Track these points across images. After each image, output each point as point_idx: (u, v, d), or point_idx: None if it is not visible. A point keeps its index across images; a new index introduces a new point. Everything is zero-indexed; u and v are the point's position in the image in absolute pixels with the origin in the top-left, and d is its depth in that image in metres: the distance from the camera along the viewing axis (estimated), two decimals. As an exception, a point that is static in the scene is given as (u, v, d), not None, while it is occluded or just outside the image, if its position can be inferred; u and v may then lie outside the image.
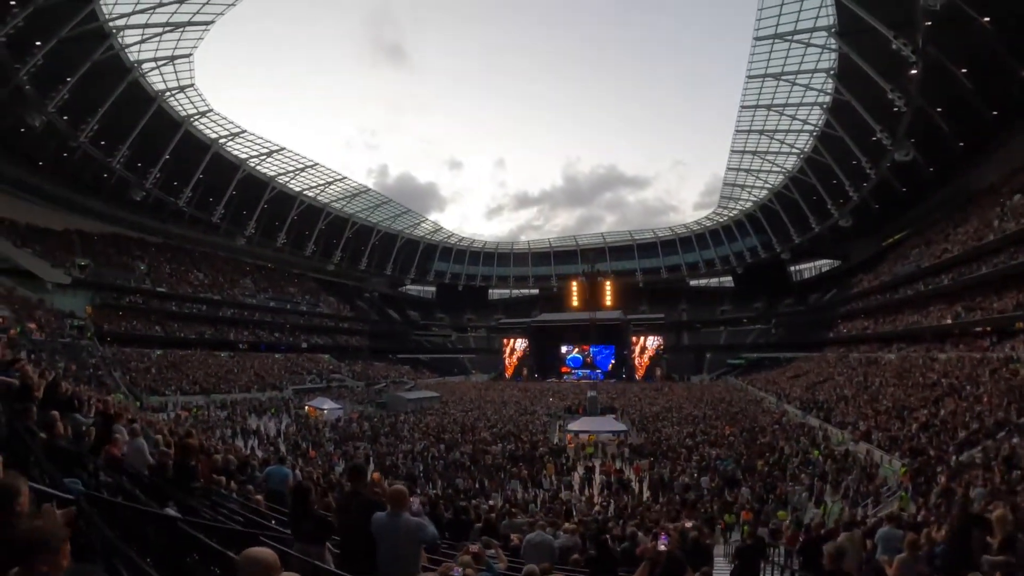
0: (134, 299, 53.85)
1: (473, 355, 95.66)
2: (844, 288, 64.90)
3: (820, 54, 44.15)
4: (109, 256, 54.63)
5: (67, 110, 43.34)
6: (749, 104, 53.69)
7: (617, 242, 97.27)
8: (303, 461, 24.29)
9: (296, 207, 71.21)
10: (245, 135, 57.90)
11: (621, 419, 40.25)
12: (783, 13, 41.54)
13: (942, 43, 34.59)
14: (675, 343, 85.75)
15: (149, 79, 46.97)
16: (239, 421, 35.66)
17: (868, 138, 46.36)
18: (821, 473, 22.26)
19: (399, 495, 4.77)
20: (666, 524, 13.46)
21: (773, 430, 32.81)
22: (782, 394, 46.65)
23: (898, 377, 36.04)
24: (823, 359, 56.42)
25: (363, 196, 76.86)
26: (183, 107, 51.88)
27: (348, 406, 45.13)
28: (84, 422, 8.52)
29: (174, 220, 63.60)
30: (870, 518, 12.90)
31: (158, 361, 47.57)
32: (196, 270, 64.02)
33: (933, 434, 22.34)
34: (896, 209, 56.10)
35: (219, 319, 61.28)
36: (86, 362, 38.50)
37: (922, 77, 37.07)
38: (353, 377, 64.66)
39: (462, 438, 31.92)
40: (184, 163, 55.64)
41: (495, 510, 14.76)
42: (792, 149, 58.50)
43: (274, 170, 65.33)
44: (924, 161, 46.44)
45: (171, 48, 45.35)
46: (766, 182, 68.50)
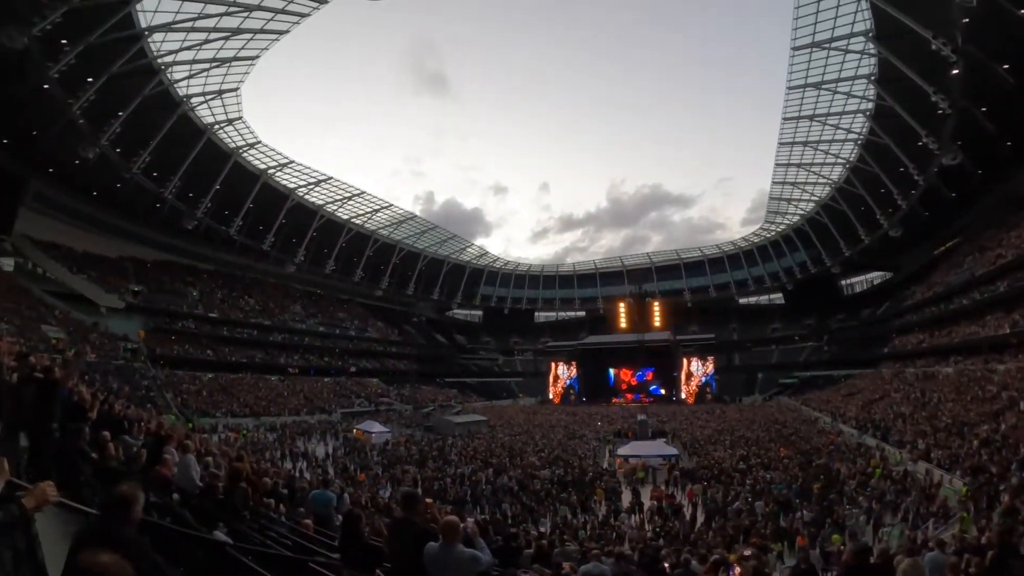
0: (186, 324, 55.36)
1: (520, 378, 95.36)
2: (897, 301, 63.31)
3: (859, 60, 43.50)
4: (162, 282, 56.29)
5: (119, 142, 44.91)
6: (791, 116, 53.08)
7: (664, 262, 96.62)
8: (351, 484, 24.31)
9: (344, 234, 72.38)
10: (293, 165, 59.24)
11: (672, 443, 39.63)
12: (819, 21, 41.13)
13: (981, 40, 33.76)
14: (726, 363, 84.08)
15: (198, 112, 48.51)
16: (288, 443, 36.04)
17: (914, 143, 45.30)
18: (879, 495, 21.51)
19: (452, 527, 4.64)
20: (737, 551, 13.13)
21: (829, 451, 31.93)
22: (837, 413, 45.42)
23: (956, 392, 34.87)
24: (878, 375, 54.87)
25: (409, 223, 77.92)
26: (232, 139, 53.37)
27: (396, 429, 45.35)
28: (135, 443, 8.62)
29: (225, 248, 65.18)
30: (931, 541, 12.36)
31: (209, 384, 48.63)
32: (247, 296, 65.43)
33: (994, 450, 21.49)
34: (946, 216, 54.68)
35: (269, 344, 62.40)
36: (139, 384, 39.47)
37: (964, 77, 36.17)
38: (401, 401, 65.05)
39: (510, 462, 31.66)
40: (234, 193, 57.11)
41: (546, 537, 14.55)
42: (837, 159, 57.48)
43: (322, 199, 66.65)
44: (972, 164, 45.14)
45: (218, 82, 46.81)
46: (812, 195, 67.34)
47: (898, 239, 59.79)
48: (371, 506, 14.55)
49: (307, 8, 42.79)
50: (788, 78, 48.12)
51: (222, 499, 6.69)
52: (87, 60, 36.38)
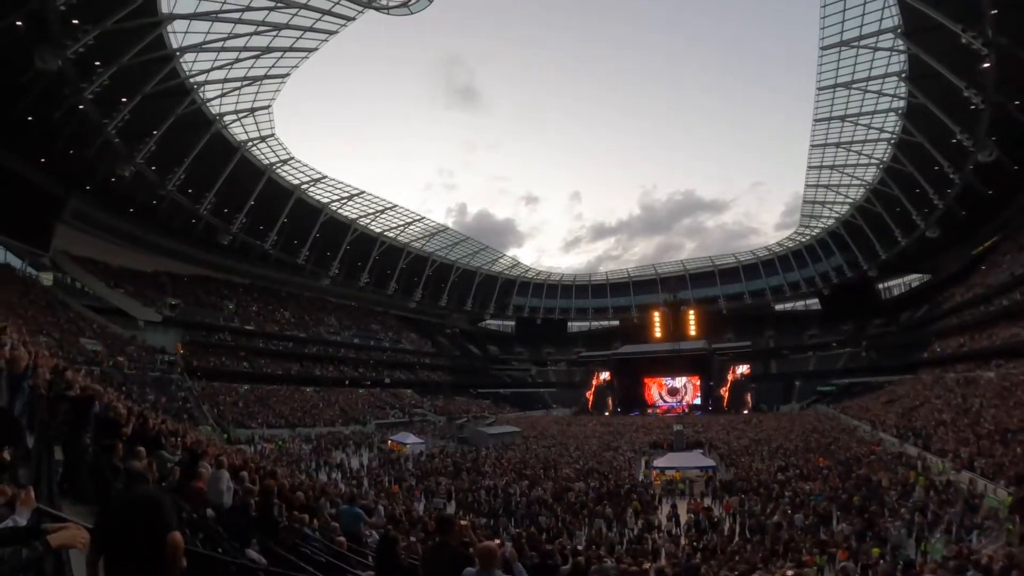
0: (222, 336, 56.22)
1: (554, 389, 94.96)
2: (936, 304, 61.90)
3: (889, 58, 42.88)
4: (198, 296, 57.25)
5: (154, 160, 45.98)
6: (822, 117, 52.46)
7: (698, 269, 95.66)
8: (385, 496, 24.39)
9: (377, 247, 73.08)
10: (325, 180, 60.11)
11: (709, 454, 39.14)
12: (846, 19, 40.64)
13: (1012, 31, 32.98)
14: (763, 371, 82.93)
15: (231, 130, 49.52)
16: (323, 454, 36.35)
17: (948, 141, 44.37)
18: (922, 507, 20.99)
19: (489, 553, 4.57)
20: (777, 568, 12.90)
21: (869, 461, 31.29)
22: (876, 422, 44.56)
23: (999, 397, 34.06)
24: (918, 381, 53.68)
25: (442, 235, 78.50)
26: (265, 156, 54.29)
27: (430, 441, 45.46)
28: (170, 459, 8.72)
29: (260, 262, 66.14)
30: (975, 555, 12.06)
31: (245, 395, 49.35)
32: (282, 309, 66.22)
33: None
34: (984, 214, 53.38)
35: (305, 355, 63.07)
36: (175, 395, 40.09)
37: (996, 70, 35.34)
38: (435, 412, 65.21)
39: (544, 474, 31.52)
40: (268, 208, 58.05)
41: (583, 552, 14.42)
42: (871, 160, 56.57)
43: (355, 213, 67.42)
44: (1008, 160, 43.83)
45: (250, 100, 47.75)
46: (847, 196, 66.23)
47: (935, 240, 58.45)
48: (405, 519, 14.51)
49: (335, 26, 43.43)
50: (817, 79, 47.64)
51: (255, 516, 6.72)
52: (120, 81, 37.33)
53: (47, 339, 32.94)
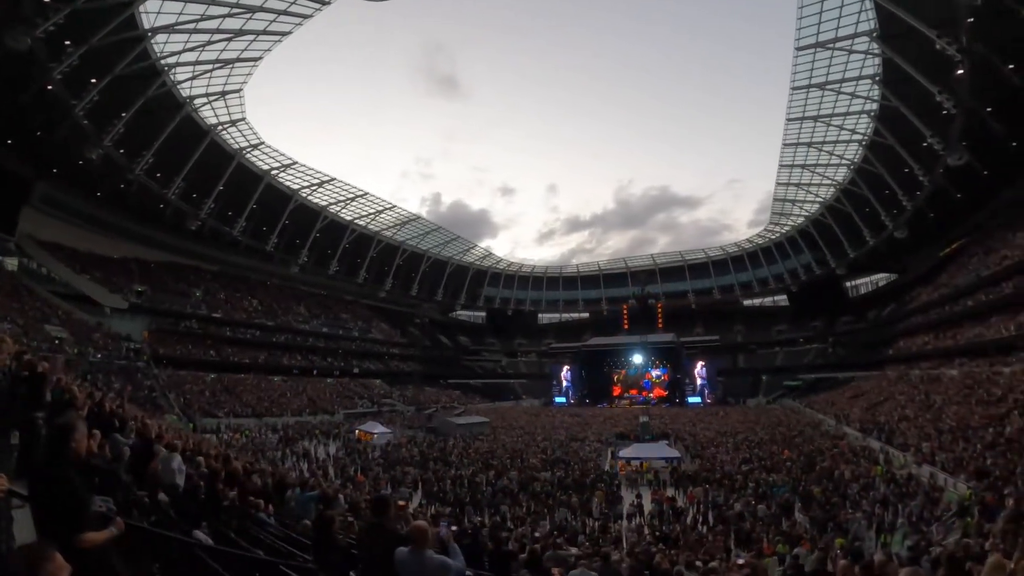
0: (190, 324, 55.50)
1: (524, 380, 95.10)
2: (902, 303, 63.01)
3: (863, 60, 43.19)
4: (166, 283, 56.40)
5: (123, 144, 45.07)
6: (795, 116, 52.83)
7: (668, 263, 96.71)
8: (351, 485, 24.27)
9: (348, 235, 72.56)
10: (296, 166, 59.38)
11: (674, 445, 39.41)
12: (823, 21, 40.83)
13: (987, 39, 33.36)
14: (730, 365, 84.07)
15: (201, 113, 48.60)
16: (290, 444, 36.07)
17: (919, 144, 44.94)
18: (883, 499, 21.33)
19: (420, 532, 4.55)
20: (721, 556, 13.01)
21: (832, 454, 31.72)
22: (841, 416, 45.23)
23: (961, 394, 34.65)
24: (883, 377, 54.56)
25: (413, 224, 78.04)
26: (235, 140, 53.46)
27: (398, 431, 45.24)
28: (123, 442, 8.54)
29: (229, 249, 65.39)
30: (934, 547, 12.24)
31: (212, 384, 48.87)
32: (251, 297, 65.54)
33: (999, 454, 21.31)
34: (952, 217, 54.27)
35: (273, 344, 62.50)
36: (141, 384, 39.64)
37: (970, 77, 35.68)
38: (404, 402, 65.00)
39: (511, 464, 31.54)
40: (238, 194, 57.33)
41: (541, 540, 14.43)
42: (842, 160, 57.21)
43: (326, 200, 66.82)
44: (979, 165, 44.50)
45: (222, 83, 46.92)
46: (817, 196, 67.08)
47: (904, 241, 59.42)
48: (368, 508, 14.38)
49: (309, 10, 42.80)
50: (792, 79, 47.89)
51: (204, 499, 6.60)
52: (90, 61, 36.52)
53: (11, 326, 32.38)
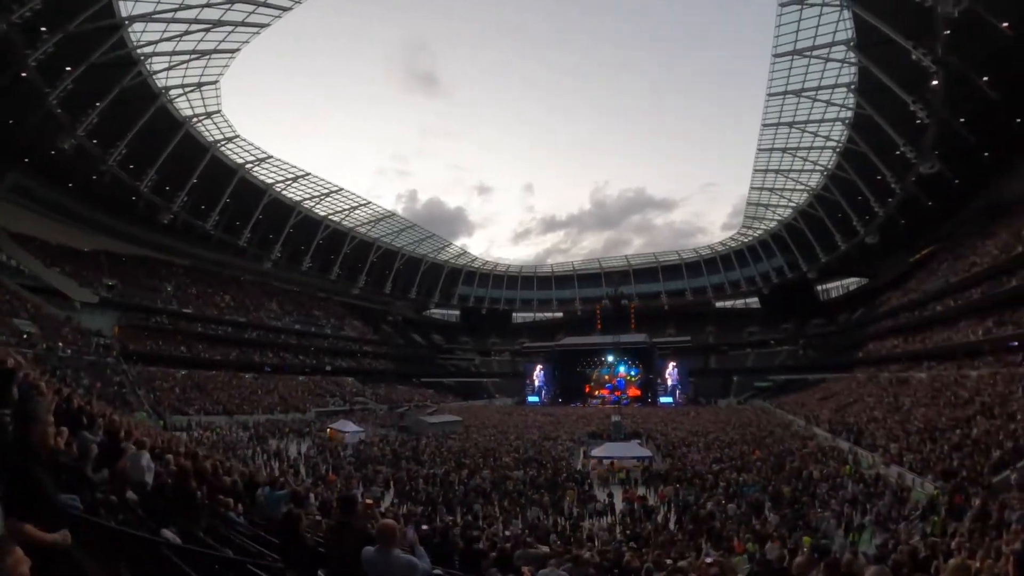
0: (160, 320, 54.66)
1: (497, 379, 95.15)
2: (872, 306, 63.92)
3: (840, 69, 43.75)
4: (137, 277, 55.53)
5: (97, 134, 44.31)
6: (771, 122, 53.37)
7: (641, 264, 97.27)
8: (323, 484, 24.12)
9: (322, 231, 71.97)
10: (271, 160, 58.76)
11: (646, 444, 39.65)
12: (801, 29, 41.28)
13: (963, 52, 33.95)
14: (702, 366, 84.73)
15: (177, 105, 47.90)
16: (260, 442, 35.72)
17: (892, 152, 45.71)
18: (852, 499, 21.64)
19: (388, 531, 4.51)
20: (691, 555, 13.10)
21: (802, 454, 32.09)
22: (811, 416, 45.78)
23: (929, 396, 35.26)
24: (852, 379, 55.32)
25: (388, 221, 77.57)
26: (210, 133, 52.82)
27: (370, 429, 45.01)
28: (91, 439, 8.41)
29: (201, 243, 64.49)
30: (902, 545, 12.44)
31: (182, 381, 48.18)
32: (223, 292, 64.78)
33: (966, 455, 21.70)
34: (923, 224, 55.20)
35: (244, 341, 61.80)
36: (111, 380, 39.02)
37: (944, 87, 36.39)
38: (376, 400, 64.73)
39: (483, 463, 31.52)
40: (211, 188, 56.67)
41: (511, 539, 14.43)
42: (816, 166, 58.03)
43: (300, 195, 66.20)
44: (950, 173, 45.36)
45: (198, 75, 46.39)
46: (791, 200, 67.87)
47: (875, 246, 60.30)
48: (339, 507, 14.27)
49: (288, 2, 42.46)
50: (768, 85, 48.45)
51: (173, 497, 6.51)
52: (66, 49, 35.88)
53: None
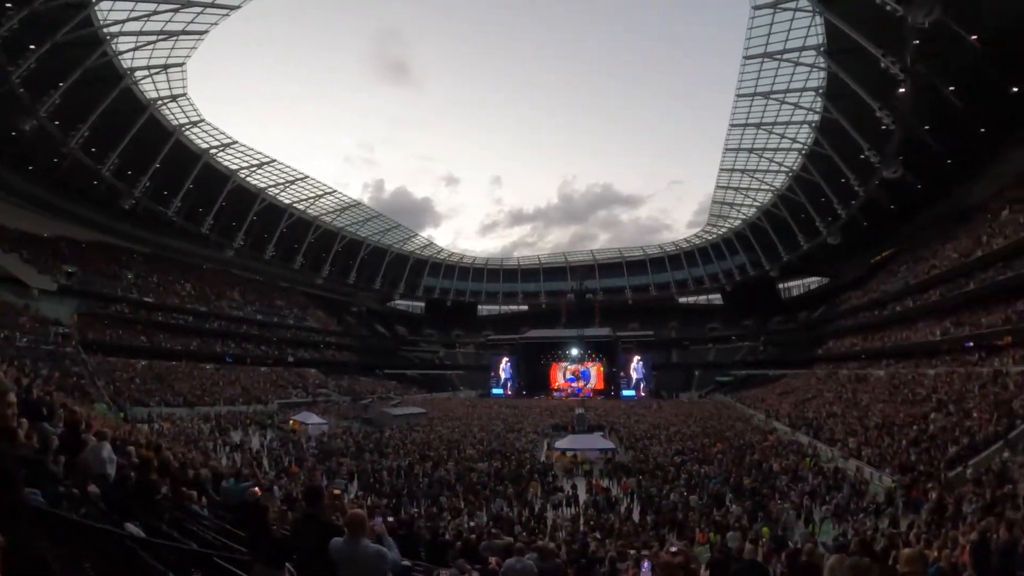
0: (120, 308, 53.32)
1: (461, 371, 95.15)
2: (833, 305, 65.14)
3: (808, 73, 44.15)
4: (97, 264, 54.18)
5: (59, 115, 42.81)
6: (738, 123, 53.82)
7: (607, 260, 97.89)
8: (286, 476, 23.93)
9: (286, 219, 70.71)
10: (236, 146, 57.49)
11: (609, 437, 40.00)
12: (772, 32, 41.50)
13: (931, 61, 34.56)
14: (665, 360, 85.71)
15: (142, 87, 46.63)
16: (222, 434, 35.22)
17: (856, 156, 46.35)
18: (811, 491, 22.08)
19: (357, 520, 4.51)
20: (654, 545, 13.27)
21: (763, 447, 32.62)
22: (771, 411, 46.55)
23: (887, 393, 36.17)
24: (812, 376, 56.40)
25: (353, 210, 76.46)
26: (175, 116, 51.50)
27: (333, 421, 44.66)
28: (51, 431, 8.24)
29: (163, 230, 62.93)
30: (855, 536, 12.77)
31: (143, 372, 47.25)
32: (184, 281, 63.54)
33: (923, 450, 22.28)
34: (885, 226, 56.20)
35: (206, 331, 60.66)
36: (69, 370, 38.14)
37: (911, 95, 36.95)
38: (339, 392, 64.28)
39: (448, 455, 31.53)
40: (174, 173, 55.22)
41: (477, 530, 14.49)
42: (781, 167, 58.71)
43: (265, 182, 64.89)
44: (913, 179, 46.21)
45: (164, 56, 45.09)
46: (755, 200, 68.68)
47: (837, 247, 61.21)
48: (303, 500, 14.18)
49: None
50: (738, 86, 48.76)
51: (135, 490, 6.40)
52: (30, 26, 34.75)
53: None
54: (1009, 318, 32.00)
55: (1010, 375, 27.71)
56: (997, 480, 15.73)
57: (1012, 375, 27.56)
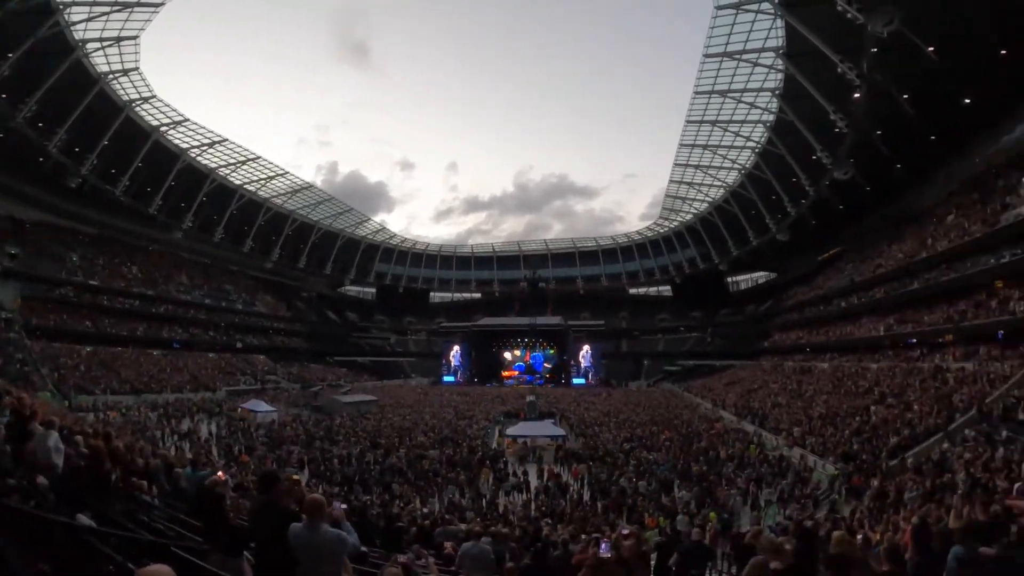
0: (65, 292, 51.41)
1: (413, 359, 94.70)
2: (780, 300, 66.69)
3: (767, 74, 44.69)
4: (41, 246, 51.98)
5: (5, 88, 41.22)
6: (695, 119, 54.31)
7: (560, 249, 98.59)
8: (235, 465, 23.64)
9: (236, 201, 69.01)
10: (187, 123, 55.76)
11: (560, 424, 40.38)
12: (733, 32, 41.82)
13: (887, 69, 35.36)
14: (614, 350, 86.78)
15: (93, 60, 44.78)
16: (170, 423, 34.48)
17: (809, 157, 47.23)
18: (757, 478, 22.65)
19: (317, 506, 4.51)
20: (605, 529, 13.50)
21: (710, 435, 33.28)
22: (718, 400, 47.48)
23: (831, 385, 37.07)
24: (758, 367, 57.64)
25: (305, 192, 75.08)
26: (126, 91, 49.65)
27: (283, 409, 44.12)
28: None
29: (109, 210, 60.62)
30: (806, 521, 13.21)
31: (88, 358, 45.91)
32: (130, 263, 61.75)
33: (865, 440, 23.02)
34: (833, 226, 57.43)
35: (152, 316, 58.99)
36: (12, 357, 36.96)
37: (865, 101, 37.81)
38: (289, 379, 63.53)
39: (399, 442, 31.48)
40: (123, 150, 53.31)
41: (430, 516, 14.56)
42: (734, 165, 59.65)
43: (216, 162, 63.30)
44: (863, 181, 47.35)
45: (118, 28, 43.24)
46: (707, 195, 69.70)
47: (785, 243, 62.64)
48: (254, 489, 14.07)
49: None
50: (696, 83, 49.02)
51: (86, 481, 6.31)
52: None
53: None
54: (951, 317, 33.02)
55: (950, 371, 28.68)
56: (937, 470, 16.36)
57: (952, 371, 28.53)
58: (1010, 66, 32.26)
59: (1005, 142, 37.28)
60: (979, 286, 32.49)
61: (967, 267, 32.98)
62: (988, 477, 13.52)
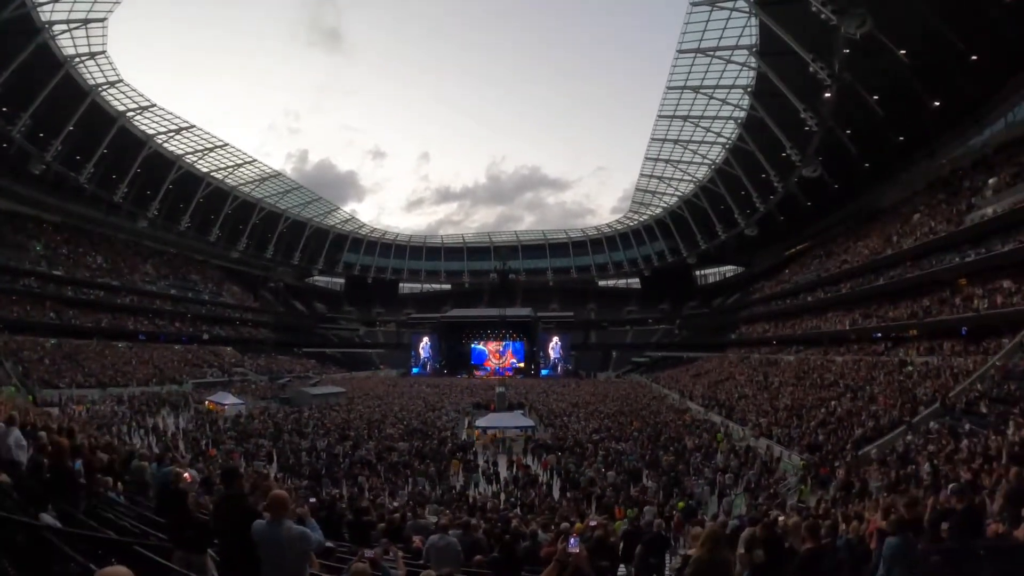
0: (28, 282, 50.14)
1: (382, 350, 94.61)
2: (747, 293, 67.30)
3: (739, 71, 45.00)
4: (3, 235, 50.60)
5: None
6: (667, 114, 54.53)
7: (530, 241, 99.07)
8: (202, 460, 23.35)
9: (203, 189, 67.83)
10: (154, 109, 54.50)
11: (529, 415, 40.53)
12: (708, 29, 42.01)
13: (858, 70, 35.88)
14: (583, 341, 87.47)
15: (59, 42, 43.54)
16: (136, 417, 33.85)
17: (778, 154, 47.90)
18: (724, 468, 22.94)
19: (280, 501, 4.41)
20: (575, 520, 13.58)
21: (677, 426, 33.61)
22: (685, 392, 47.93)
23: (797, 378, 37.62)
24: (725, 359, 58.21)
25: (273, 181, 74.04)
26: (92, 75, 48.37)
27: (250, 401, 43.75)
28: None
29: (73, 198, 59.20)
30: (773, 511, 13.46)
31: (52, 351, 45.05)
32: (95, 252, 60.37)
33: (830, 431, 23.46)
34: (800, 222, 58.34)
35: (117, 307, 57.74)
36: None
37: (835, 100, 38.37)
38: (256, 371, 62.83)
39: (368, 435, 31.36)
40: (88, 136, 51.99)
41: (400, 509, 14.52)
42: (704, 160, 60.24)
43: (182, 149, 62.05)
44: (830, 178, 48.08)
45: (85, 10, 42.02)
46: (677, 190, 70.25)
47: (753, 238, 63.74)
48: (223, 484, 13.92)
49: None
50: (669, 78, 49.18)
51: (49, 478, 6.20)
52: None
53: None
54: (916, 313, 33.63)
55: (914, 365, 29.26)
56: (900, 461, 16.73)
57: (916, 365, 29.11)
58: (979, 72, 33.03)
59: (971, 145, 38.03)
60: (943, 283, 33.18)
61: (932, 265, 33.58)
62: (951, 468, 13.85)
